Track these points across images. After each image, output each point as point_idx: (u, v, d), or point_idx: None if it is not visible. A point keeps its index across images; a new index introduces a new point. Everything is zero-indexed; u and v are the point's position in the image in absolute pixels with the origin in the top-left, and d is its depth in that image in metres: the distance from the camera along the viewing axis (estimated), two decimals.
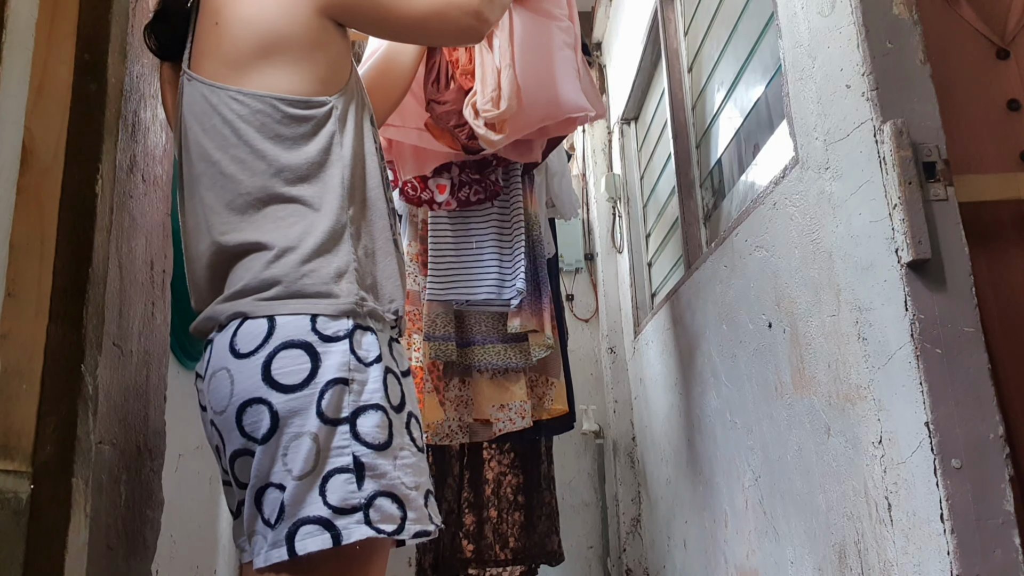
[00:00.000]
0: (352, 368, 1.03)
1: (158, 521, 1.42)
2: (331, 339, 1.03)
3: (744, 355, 1.83)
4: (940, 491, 1.07)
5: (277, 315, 1.03)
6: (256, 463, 1.02)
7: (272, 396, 1.01)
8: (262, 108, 1.09)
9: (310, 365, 1.01)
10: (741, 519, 1.90)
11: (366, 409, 1.02)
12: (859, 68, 1.25)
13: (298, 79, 1.10)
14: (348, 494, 0.99)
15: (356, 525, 0.98)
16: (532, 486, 2.37)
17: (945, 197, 1.15)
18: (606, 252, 3.79)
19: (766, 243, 1.67)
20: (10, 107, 1.14)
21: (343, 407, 1.01)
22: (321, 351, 1.02)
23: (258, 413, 1.01)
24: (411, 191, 2.17)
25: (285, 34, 1.10)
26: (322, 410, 1.00)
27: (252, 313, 1.04)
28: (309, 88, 1.11)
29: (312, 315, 1.03)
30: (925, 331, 1.12)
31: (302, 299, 1.04)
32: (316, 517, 0.98)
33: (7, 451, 1.04)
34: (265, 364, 1.01)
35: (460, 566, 2.31)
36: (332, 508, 0.98)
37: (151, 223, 1.42)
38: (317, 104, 1.11)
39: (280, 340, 1.02)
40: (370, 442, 1.01)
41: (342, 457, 1.00)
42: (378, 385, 1.04)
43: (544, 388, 2.27)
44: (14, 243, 1.11)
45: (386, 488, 1.01)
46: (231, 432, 1.05)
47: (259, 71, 1.10)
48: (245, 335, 1.04)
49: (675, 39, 2.67)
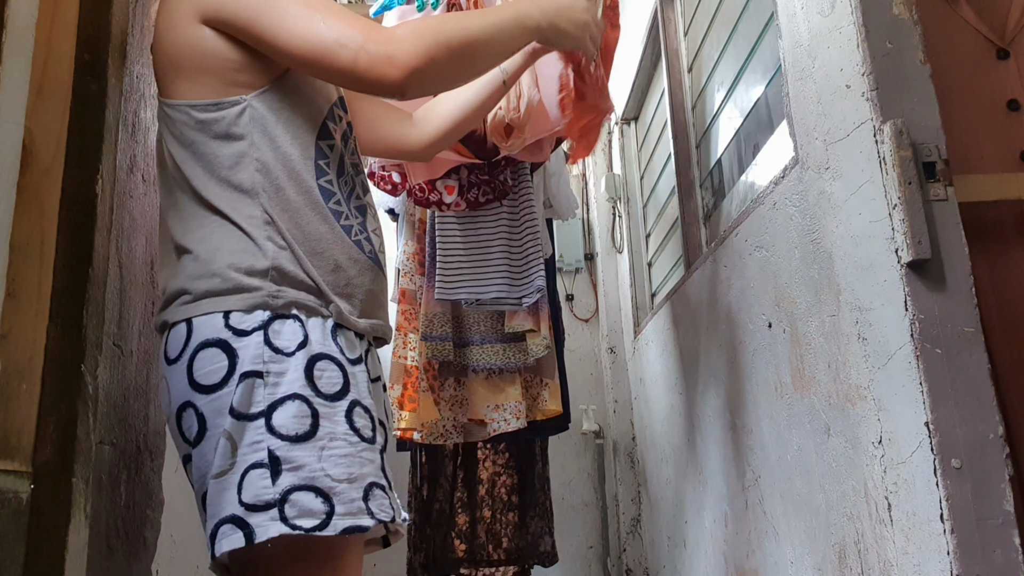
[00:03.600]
0: (267, 359, 0.99)
1: (158, 521, 1.42)
2: (245, 333, 1.00)
3: (744, 355, 1.83)
4: (940, 491, 1.07)
5: (193, 317, 1.02)
6: (194, 468, 1.01)
7: (197, 398, 0.99)
8: (179, 116, 1.08)
9: (227, 362, 0.99)
10: (741, 519, 1.90)
11: (283, 401, 0.98)
12: (859, 68, 1.25)
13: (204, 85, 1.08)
14: (261, 490, 0.94)
15: (270, 522, 0.93)
16: (527, 486, 2.37)
17: (945, 197, 1.15)
18: (606, 252, 3.79)
19: (766, 243, 1.67)
20: (10, 107, 1.14)
21: (255, 401, 0.98)
22: (236, 346, 0.99)
23: (190, 417, 1.00)
24: (419, 193, 2.16)
25: (180, 48, 1.09)
26: (233, 406, 0.97)
27: (172, 319, 1.04)
28: (218, 91, 1.08)
29: (224, 312, 1.01)
30: (925, 331, 1.12)
31: (212, 298, 1.02)
32: (231, 516, 0.94)
33: (7, 451, 1.04)
34: (188, 367, 1.00)
35: (452, 566, 2.31)
36: (245, 505, 0.94)
37: (151, 223, 1.42)
38: (228, 104, 1.08)
39: (197, 341, 1.00)
40: (286, 434, 0.97)
41: (256, 452, 0.96)
42: (298, 374, 1.00)
43: (539, 389, 2.27)
44: (14, 243, 1.11)
45: (305, 481, 0.96)
46: (176, 439, 1.04)
47: (173, 82, 1.10)
48: (172, 341, 1.03)
49: (675, 39, 2.67)
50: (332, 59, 1.04)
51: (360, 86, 1.08)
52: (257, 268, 1.03)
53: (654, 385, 2.98)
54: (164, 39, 1.11)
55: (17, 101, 1.14)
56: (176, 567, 1.69)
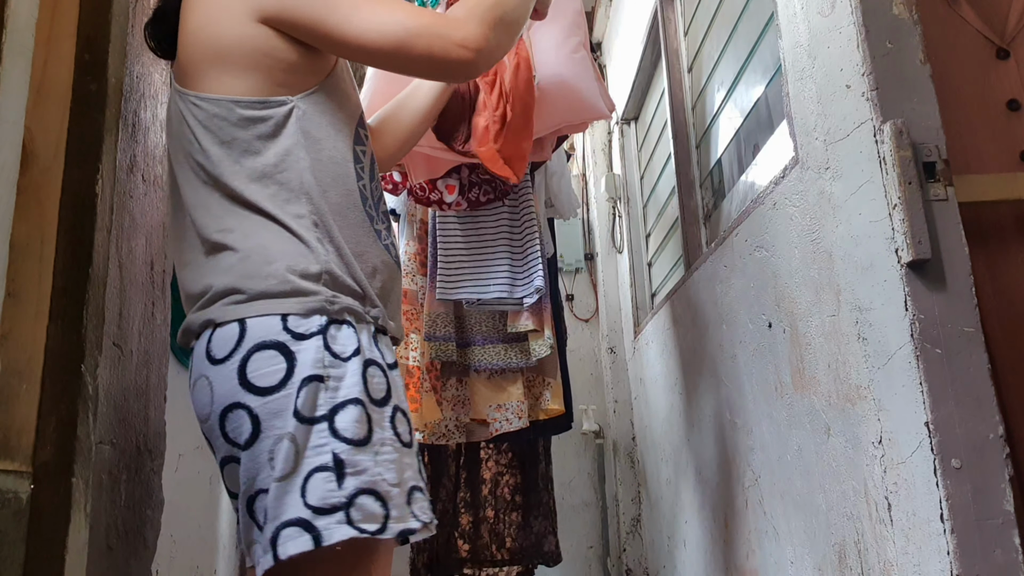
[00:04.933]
0: (327, 364, 1.00)
1: (158, 521, 1.42)
2: (304, 336, 1.01)
3: (744, 355, 1.83)
4: (940, 491, 1.07)
5: (247, 318, 1.02)
6: (243, 470, 1.00)
7: (250, 400, 0.99)
8: (218, 112, 1.07)
9: (285, 365, 0.99)
10: (741, 519, 1.90)
11: (344, 405, 1.00)
12: (859, 68, 1.25)
13: (252, 83, 1.08)
14: (328, 493, 0.96)
15: (337, 525, 0.95)
16: (530, 486, 2.36)
17: (945, 197, 1.15)
18: (606, 252, 3.79)
19: (766, 243, 1.67)
20: (10, 107, 1.14)
21: (319, 404, 0.99)
22: (295, 349, 1.00)
23: (239, 418, 1.00)
24: (420, 192, 2.17)
25: (228, 43, 1.08)
26: (298, 409, 0.98)
27: (220, 319, 1.03)
28: (265, 89, 1.08)
29: (282, 315, 1.01)
30: (925, 331, 1.12)
31: (268, 299, 1.02)
32: (296, 519, 0.95)
33: (7, 451, 1.04)
34: (240, 368, 1.00)
35: (455, 566, 2.31)
36: (312, 508, 0.95)
37: (151, 223, 1.42)
38: (275, 104, 1.08)
39: (253, 342, 1.00)
40: (350, 438, 0.99)
41: (321, 456, 0.97)
42: (356, 379, 1.02)
43: (541, 388, 2.27)
44: (14, 243, 1.11)
45: (368, 485, 0.98)
46: (216, 440, 1.04)
47: (212, 77, 1.08)
48: (219, 341, 1.02)
49: (675, 39, 2.67)
50: (409, 49, 1.08)
51: (436, 72, 1.16)
52: (311, 271, 1.04)
53: (654, 385, 2.98)
54: (206, 32, 1.09)
55: (17, 101, 1.14)
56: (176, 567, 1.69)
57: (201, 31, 1.09)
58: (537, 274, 2.09)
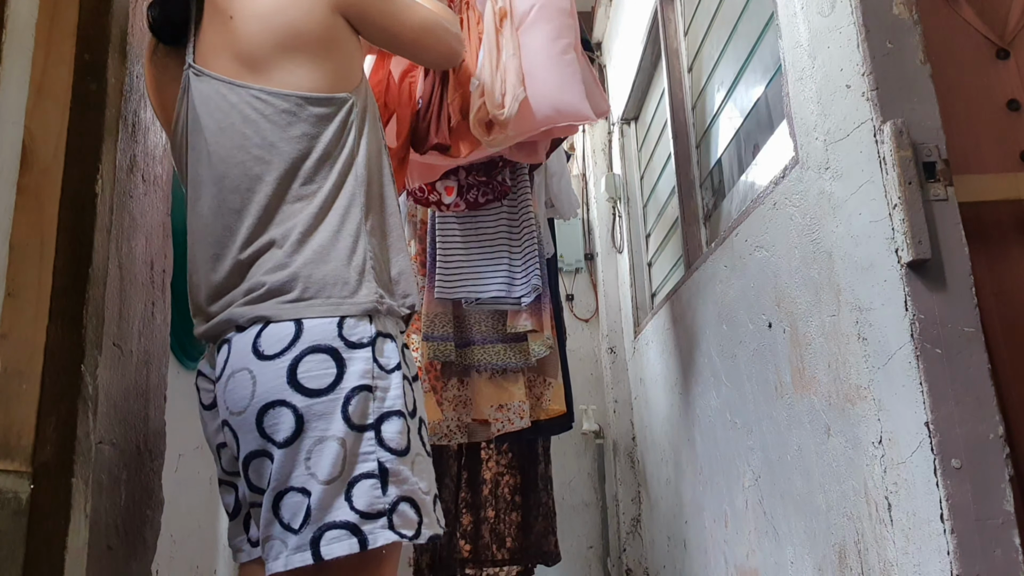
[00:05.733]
0: (375, 375, 1.04)
1: (158, 521, 1.42)
2: (356, 345, 1.04)
3: (744, 355, 1.83)
4: (940, 491, 1.07)
5: (304, 318, 1.03)
6: (277, 466, 1.02)
7: (296, 399, 1.01)
8: (287, 107, 1.08)
9: (336, 370, 1.02)
10: (741, 519, 1.90)
11: (389, 416, 1.04)
12: (859, 68, 1.25)
13: (319, 75, 1.09)
14: (374, 499, 1.00)
15: (381, 530, 1.00)
16: (530, 486, 2.37)
17: (945, 197, 1.15)
18: (606, 252, 3.78)
19: (766, 243, 1.67)
20: (10, 107, 1.14)
21: (369, 413, 1.03)
22: (346, 357, 1.03)
23: (280, 415, 1.01)
24: (419, 193, 2.17)
25: (303, 30, 1.09)
26: (348, 415, 1.01)
27: (276, 317, 1.04)
28: (330, 84, 1.10)
29: (339, 318, 1.04)
30: (925, 331, 1.12)
31: (325, 300, 1.04)
32: (343, 522, 0.99)
33: (7, 451, 1.04)
34: (291, 367, 1.02)
35: (457, 566, 2.31)
36: (359, 513, 0.99)
37: (151, 223, 1.42)
38: (339, 101, 1.11)
39: (307, 344, 1.02)
40: (394, 448, 1.03)
41: (368, 463, 1.01)
42: (399, 392, 1.06)
43: (542, 388, 2.27)
44: (14, 243, 1.11)
45: (407, 493, 1.03)
46: (249, 433, 1.05)
47: (280, 68, 1.09)
48: (270, 337, 1.04)
49: (675, 39, 2.67)
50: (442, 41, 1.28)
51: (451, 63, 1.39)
52: (363, 268, 1.07)
53: (654, 385, 2.98)
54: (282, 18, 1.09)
55: (17, 101, 1.14)
56: (176, 567, 1.69)
57: (269, 19, 1.09)
58: (535, 273, 2.09)
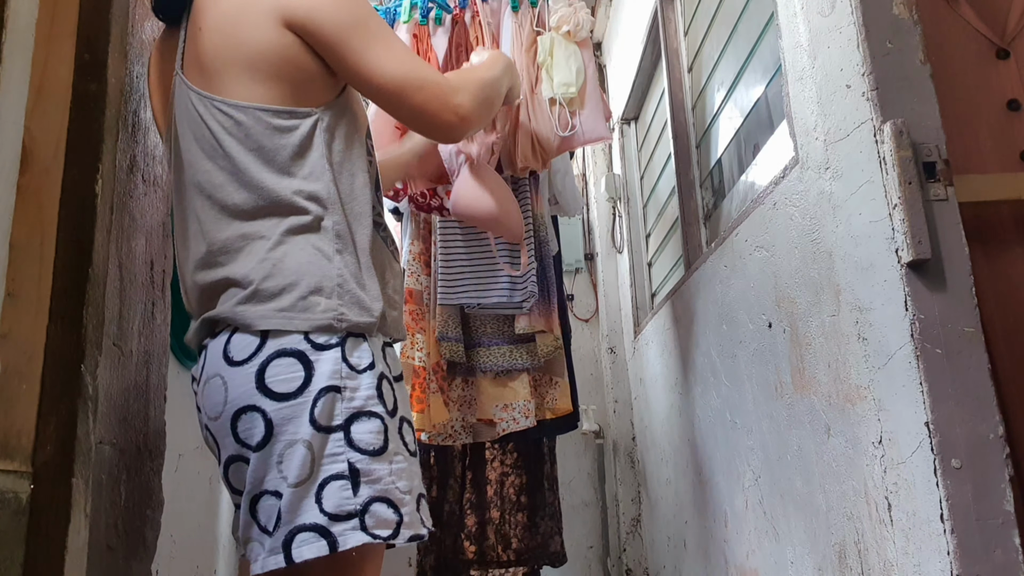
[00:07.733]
0: (344, 376, 1.03)
1: (158, 521, 1.42)
2: (323, 347, 1.03)
3: (744, 355, 1.83)
4: (940, 491, 1.07)
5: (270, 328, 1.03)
6: (251, 470, 1.02)
7: (265, 404, 1.01)
8: (245, 120, 1.07)
9: (303, 373, 1.02)
10: (741, 519, 1.90)
11: (360, 416, 1.03)
12: (859, 68, 1.25)
13: (279, 90, 1.08)
14: (343, 500, 0.99)
15: (352, 531, 0.99)
16: (535, 486, 2.36)
17: (945, 197, 1.15)
18: (606, 252, 3.78)
19: (766, 243, 1.67)
20: (10, 107, 1.13)
21: (335, 414, 1.02)
22: (314, 359, 1.02)
23: (252, 420, 1.02)
24: (420, 198, 2.17)
25: (254, 50, 1.07)
26: (315, 417, 1.00)
27: (244, 325, 1.04)
28: (292, 99, 1.08)
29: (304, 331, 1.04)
30: (925, 331, 1.12)
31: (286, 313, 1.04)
32: (312, 524, 0.98)
33: (7, 451, 1.04)
34: (259, 372, 1.02)
35: (462, 567, 2.31)
36: (328, 515, 0.99)
37: (151, 223, 1.42)
38: (302, 115, 1.09)
39: (274, 348, 1.02)
40: (364, 448, 1.02)
41: (336, 464, 1.00)
42: (371, 392, 1.05)
43: (548, 387, 2.26)
44: (14, 243, 1.11)
45: (381, 493, 1.02)
46: (225, 438, 1.05)
47: (239, 81, 1.08)
48: (238, 343, 1.04)
49: (675, 39, 2.67)
50: (409, 97, 1.12)
51: (421, 125, 1.19)
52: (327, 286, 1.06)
53: (654, 385, 2.98)
54: (229, 33, 1.08)
55: (17, 101, 1.14)
56: (176, 567, 1.69)
57: (225, 34, 1.09)
58: (531, 279, 2.10)
